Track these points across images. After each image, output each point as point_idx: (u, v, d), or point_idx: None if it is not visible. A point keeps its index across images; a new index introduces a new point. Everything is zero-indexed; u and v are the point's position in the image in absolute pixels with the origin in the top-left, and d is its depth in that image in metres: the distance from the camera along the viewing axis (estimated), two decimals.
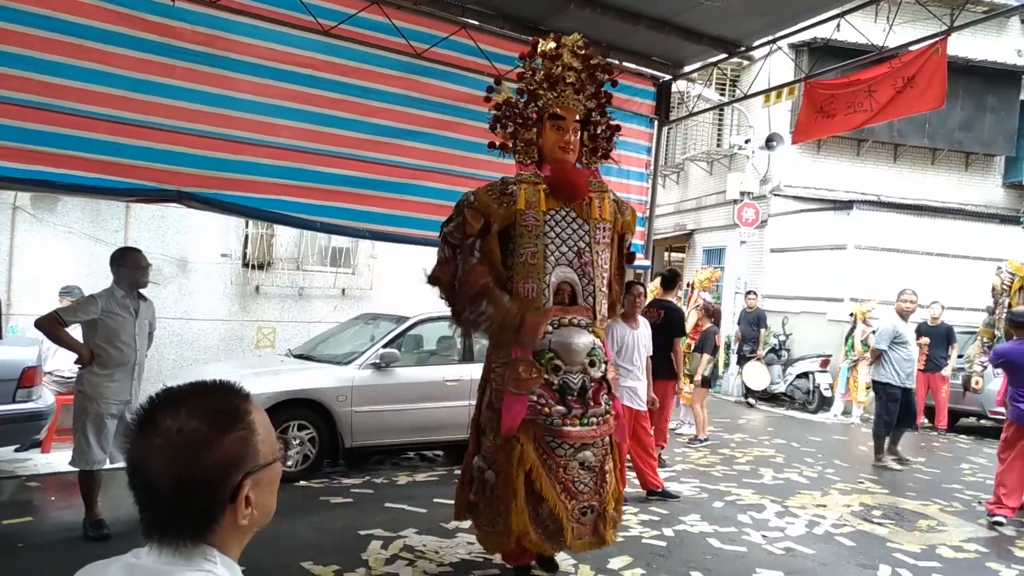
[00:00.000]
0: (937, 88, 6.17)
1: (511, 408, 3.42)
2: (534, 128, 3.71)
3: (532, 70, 3.74)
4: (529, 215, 3.55)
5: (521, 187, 3.60)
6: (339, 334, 8.11)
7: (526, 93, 3.75)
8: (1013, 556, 5.47)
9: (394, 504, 5.98)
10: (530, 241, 3.54)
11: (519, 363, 3.44)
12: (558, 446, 3.44)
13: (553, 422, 3.42)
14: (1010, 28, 16.70)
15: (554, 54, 3.67)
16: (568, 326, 3.54)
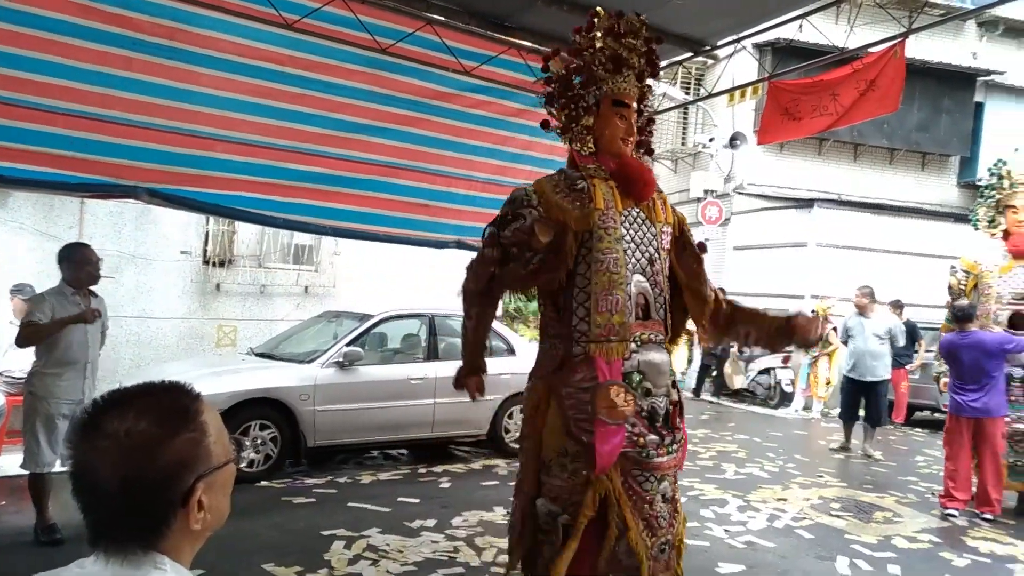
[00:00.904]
0: (895, 91, 6.29)
1: (608, 441, 2.86)
2: (592, 114, 3.14)
3: (592, 46, 3.13)
4: (608, 216, 2.99)
5: (594, 183, 3.03)
6: (301, 332, 8.02)
7: (584, 72, 3.15)
8: (965, 545, 5.61)
9: (357, 503, 5.93)
10: (611, 246, 2.97)
11: (610, 387, 2.88)
12: (646, 479, 2.97)
13: (648, 453, 2.94)
14: (966, 31, 17.07)
15: (621, 31, 3.13)
16: (649, 343, 3.05)
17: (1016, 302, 6.61)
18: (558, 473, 2.97)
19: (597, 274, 2.96)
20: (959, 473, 6.45)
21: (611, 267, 2.96)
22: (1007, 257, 6.74)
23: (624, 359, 2.95)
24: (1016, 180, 6.76)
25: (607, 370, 2.91)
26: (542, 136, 7.43)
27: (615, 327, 2.94)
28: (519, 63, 7.03)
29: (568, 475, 2.94)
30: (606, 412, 2.86)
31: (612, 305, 2.95)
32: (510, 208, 3.05)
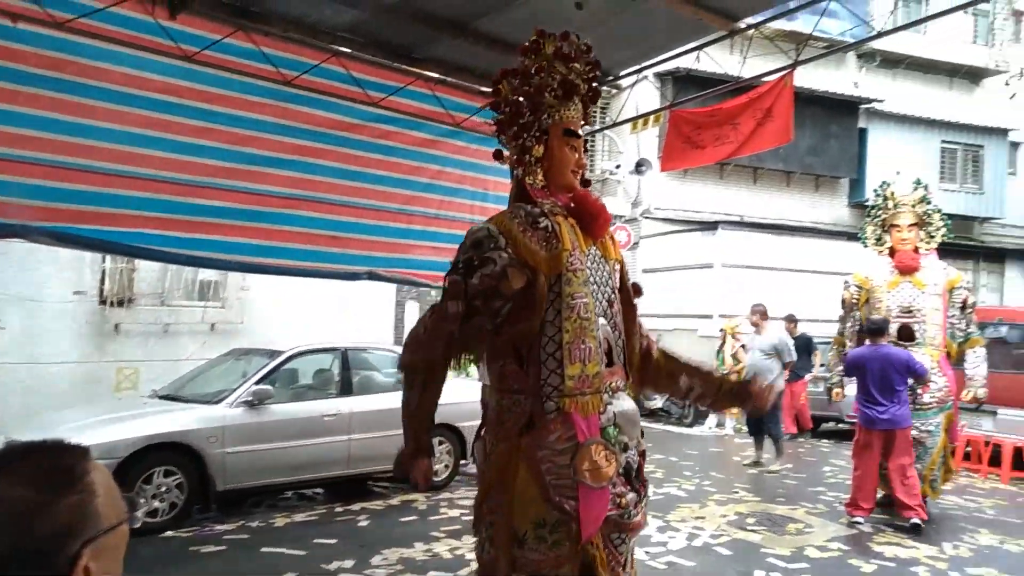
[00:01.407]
0: (788, 121, 6.64)
1: (592, 507, 2.58)
2: (542, 144, 2.87)
3: (543, 70, 2.86)
4: (575, 257, 2.71)
5: (557, 220, 2.75)
6: (208, 372, 7.72)
7: (529, 100, 2.87)
8: (872, 551, 5.84)
9: (271, 548, 5.71)
10: (581, 289, 2.69)
11: (592, 447, 2.60)
12: (622, 542, 2.72)
13: (629, 514, 2.69)
14: (847, 63, 18.17)
15: (570, 55, 2.88)
16: (617, 391, 2.80)
17: (903, 315, 7.00)
18: (535, 546, 2.64)
19: (568, 321, 2.65)
20: (866, 483, 6.62)
21: (581, 313, 2.67)
22: (894, 273, 7.13)
23: (600, 413, 2.67)
24: (899, 201, 7.18)
25: (585, 427, 2.62)
26: (452, 166, 7.56)
27: (589, 378, 2.66)
28: (427, 94, 7.05)
29: (548, 547, 2.63)
30: (589, 475, 2.57)
31: (585, 354, 2.66)
32: (475, 252, 2.65)
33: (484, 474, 2.85)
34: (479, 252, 2.64)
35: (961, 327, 6.92)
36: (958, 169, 19.00)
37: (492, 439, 2.80)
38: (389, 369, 8.09)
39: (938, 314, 6.89)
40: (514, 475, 2.67)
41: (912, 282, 7.02)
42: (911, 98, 18.65)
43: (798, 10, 7.66)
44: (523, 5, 5.85)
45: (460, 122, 7.28)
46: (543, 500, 2.60)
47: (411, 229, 7.11)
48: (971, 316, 7.00)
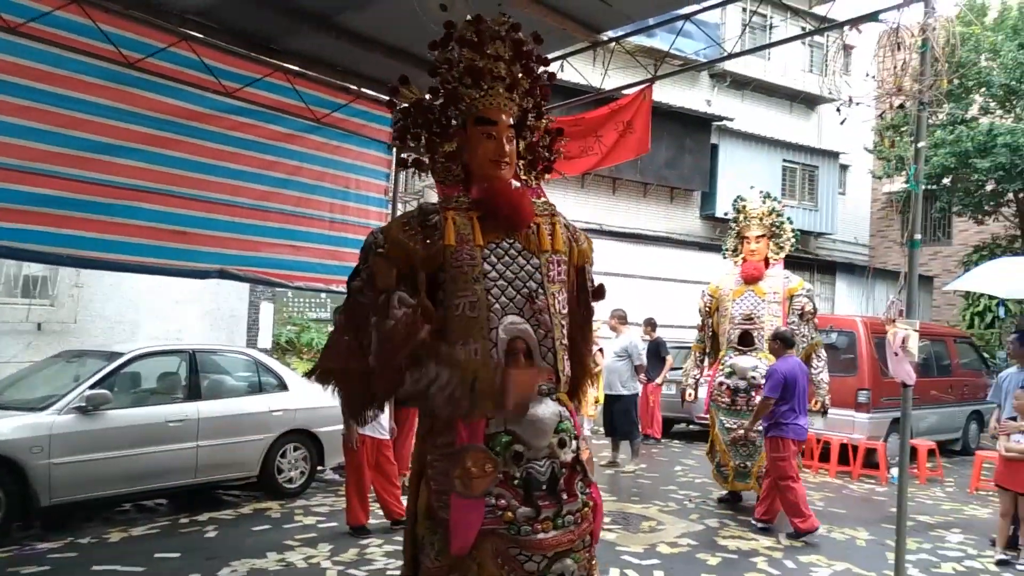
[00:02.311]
0: (646, 133, 6.92)
1: (463, 518, 2.46)
2: (455, 138, 2.76)
3: (448, 62, 2.75)
4: (463, 252, 2.59)
5: (448, 215, 2.64)
6: (33, 375, 7.08)
7: (442, 92, 2.76)
8: (717, 545, 6.16)
9: (104, 566, 5.28)
10: (466, 287, 2.56)
11: (468, 454, 2.47)
12: (528, 559, 2.52)
13: (520, 530, 2.51)
14: (701, 81, 19.18)
15: (477, 40, 2.72)
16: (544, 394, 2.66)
17: (744, 323, 7.44)
18: (428, 553, 2.57)
19: (451, 321, 2.55)
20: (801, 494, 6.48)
21: (467, 311, 2.55)
22: (739, 282, 7.56)
23: (488, 419, 2.53)
24: (750, 214, 7.63)
25: (466, 433, 2.50)
26: (311, 162, 7.33)
27: None
28: (286, 87, 6.80)
29: (435, 555, 2.55)
30: (461, 484, 2.46)
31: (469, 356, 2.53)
32: (361, 256, 2.64)
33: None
34: (362, 257, 2.65)
35: (802, 332, 7.40)
36: (797, 186, 20.44)
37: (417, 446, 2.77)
38: (241, 372, 7.72)
39: (776, 320, 7.35)
40: (418, 480, 2.65)
41: (754, 291, 7.47)
42: (757, 118, 19.92)
43: (656, 27, 8.00)
44: (387, 3, 5.75)
45: (321, 117, 7.07)
46: (427, 508, 2.57)
47: (266, 226, 6.82)
48: (812, 322, 7.50)
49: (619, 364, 9.50)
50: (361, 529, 6.15)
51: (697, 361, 8.00)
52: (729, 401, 7.30)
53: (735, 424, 7.21)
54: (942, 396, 10.92)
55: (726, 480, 7.45)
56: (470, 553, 2.49)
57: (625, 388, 9.46)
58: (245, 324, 11.96)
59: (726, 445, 7.30)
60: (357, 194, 7.58)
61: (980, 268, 11.56)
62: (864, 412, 9.64)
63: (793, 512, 6.41)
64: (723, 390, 7.37)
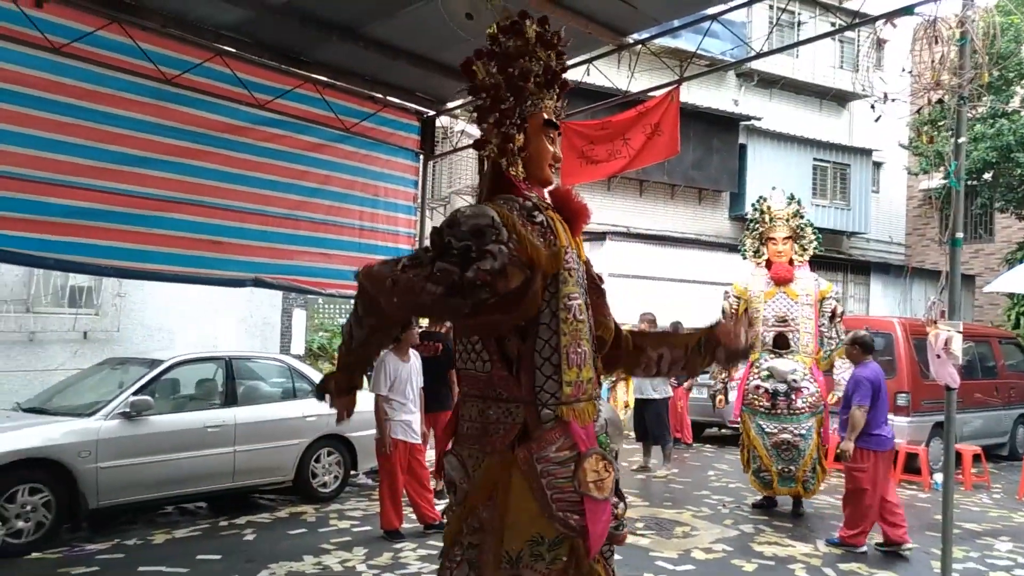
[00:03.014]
0: (675, 135, 6.90)
1: (599, 519, 2.43)
2: (522, 134, 2.67)
3: (527, 54, 2.65)
4: (571, 255, 2.56)
5: (550, 215, 2.59)
6: (80, 382, 7.28)
7: (510, 85, 2.64)
8: (753, 551, 6.10)
9: (150, 567, 5.42)
10: (575, 290, 2.53)
11: (593, 457, 2.45)
12: (611, 554, 2.61)
13: (621, 525, 2.59)
14: (728, 81, 19.08)
15: (552, 41, 2.69)
16: (599, 399, 2.67)
17: (778, 324, 7.39)
18: (531, 564, 2.46)
19: (565, 323, 2.48)
20: (894, 503, 6.16)
21: (577, 315, 2.52)
22: (770, 284, 7.52)
23: (594, 420, 2.54)
24: (774, 215, 7.59)
25: (585, 436, 2.47)
26: (341, 171, 7.46)
27: (584, 384, 2.51)
28: (315, 97, 6.94)
29: (546, 565, 2.46)
30: (594, 487, 2.43)
31: (581, 359, 2.51)
32: (475, 241, 2.33)
33: (466, 493, 2.55)
34: (479, 242, 2.34)
35: (831, 335, 7.35)
36: (828, 186, 20.22)
37: (476, 453, 2.55)
38: (276, 378, 7.87)
39: (810, 323, 7.30)
40: (506, 491, 2.47)
41: (786, 293, 7.41)
42: (786, 117, 19.76)
43: (682, 28, 7.98)
44: (413, 12, 5.84)
45: (350, 127, 7.19)
46: (542, 516, 2.43)
47: (298, 235, 6.95)
48: (839, 325, 7.43)
49: None
50: (395, 533, 6.23)
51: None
52: (769, 405, 7.20)
53: (776, 428, 7.13)
54: (987, 399, 10.68)
55: (768, 486, 7.28)
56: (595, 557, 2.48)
57: (656, 392, 9.43)
58: (278, 331, 12.15)
59: (767, 449, 7.20)
60: (386, 202, 7.69)
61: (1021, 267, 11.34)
62: (904, 416, 9.45)
63: (850, 522, 6.16)
64: (760, 394, 7.26)
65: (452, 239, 2.33)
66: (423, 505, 6.37)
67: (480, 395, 2.55)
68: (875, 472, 6.07)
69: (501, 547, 2.47)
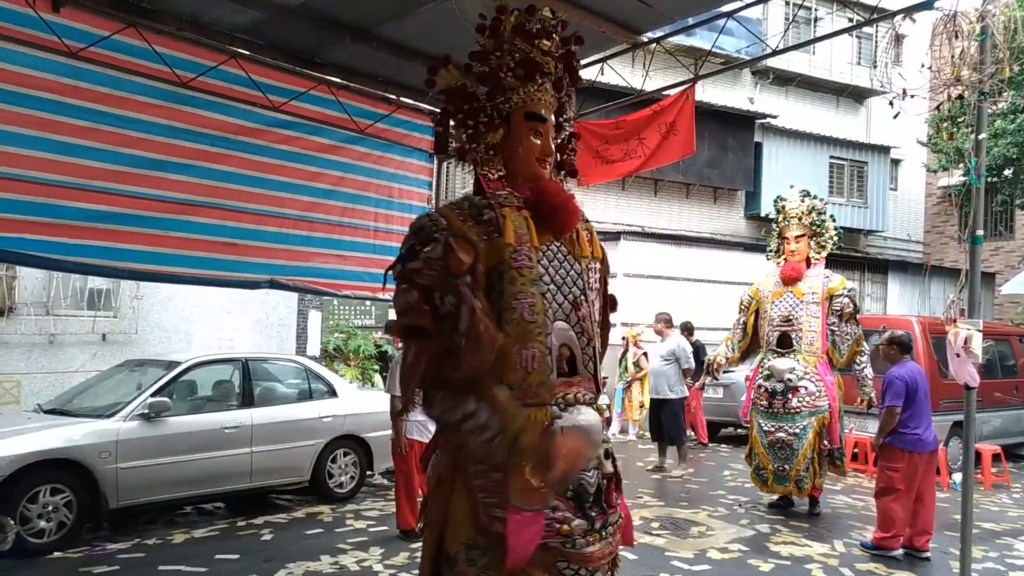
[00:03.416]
0: (690, 134, 6.87)
1: (521, 531, 2.31)
2: (500, 129, 2.60)
3: (499, 49, 2.59)
4: (522, 253, 2.47)
5: (503, 212, 2.50)
6: (100, 384, 7.37)
7: (489, 81, 2.59)
8: (769, 551, 6.08)
9: (169, 566, 5.48)
10: (524, 289, 2.44)
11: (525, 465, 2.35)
12: (574, 573, 2.44)
13: (575, 542, 2.41)
14: (743, 79, 18.97)
15: (533, 32, 2.59)
16: (575, 404, 2.50)
17: (783, 325, 7.34)
18: (466, 570, 2.40)
19: (508, 324, 2.40)
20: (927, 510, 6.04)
21: (525, 315, 2.42)
22: (778, 284, 7.47)
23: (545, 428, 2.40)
24: (789, 214, 7.53)
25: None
26: (355, 172, 7.47)
27: (531, 389, 2.40)
28: (329, 99, 6.96)
29: (478, 571, 2.39)
30: (519, 495, 2.32)
31: (527, 361, 2.40)
32: (416, 239, 2.42)
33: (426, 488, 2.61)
34: (420, 237, 2.42)
35: (841, 332, 7.27)
36: (845, 183, 20.07)
37: (436, 450, 2.58)
38: (292, 380, 7.92)
39: (815, 321, 7.22)
40: (450, 490, 2.47)
41: (793, 292, 7.37)
42: (802, 115, 19.63)
43: (697, 26, 7.96)
44: (426, 13, 5.85)
45: (364, 128, 7.21)
46: (473, 521, 2.39)
47: (313, 236, 6.97)
48: (851, 323, 7.30)
49: (667, 368, 9.45)
50: (411, 533, 6.24)
51: (729, 347, 7.93)
52: (767, 404, 7.20)
53: (773, 427, 7.12)
54: (1007, 398, 10.56)
55: (765, 484, 7.32)
56: (524, 570, 2.36)
57: (673, 392, 9.41)
58: (294, 332, 12.21)
59: (764, 448, 7.21)
60: (400, 203, 7.70)
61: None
62: None
63: (882, 523, 6.02)
64: (761, 393, 7.28)
65: (401, 248, 2.45)
66: None
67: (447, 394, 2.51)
68: (910, 473, 5.93)
69: (435, 544, 2.47)
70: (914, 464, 5.94)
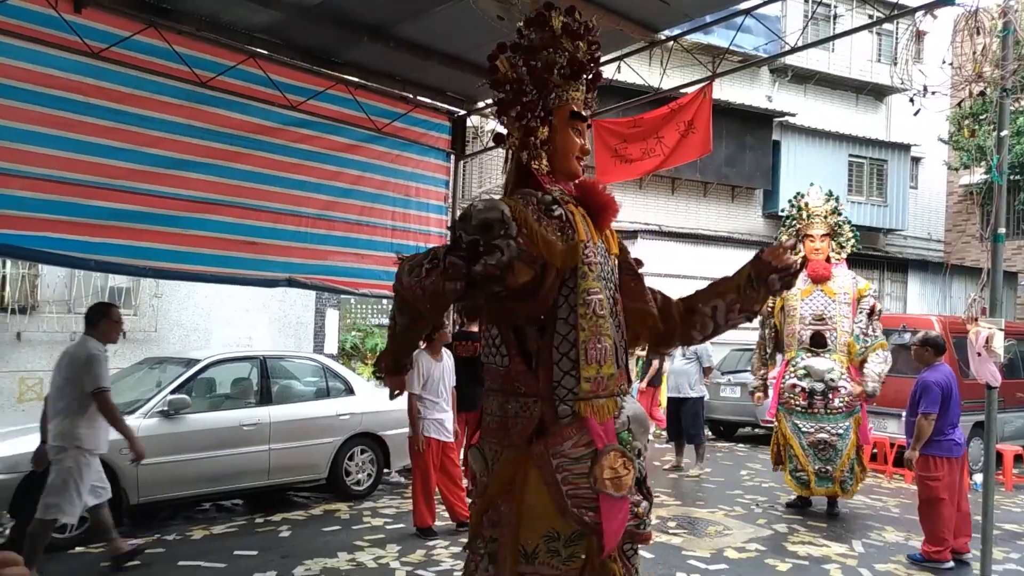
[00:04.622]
0: (707, 133, 6.83)
1: (614, 517, 2.40)
2: (546, 126, 2.63)
3: (552, 46, 2.60)
4: (591, 250, 2.53)
5: (571, 209, 2.56)
6: (120, 381, 7.39)
7: (534, 78, 2.61)
8: (787, 551, 6.04)
9: (189, 562, 5.53)
10: (596, 284, 2.50)
11: (612, 454, 2.43)
12: (634, 553, 2.59)
13: (644, 524, 2.56)
14: (761, 77, 18.85)
15: (578, 32, 2.63)
16: (625, 395, 2.64)
17: (816, 323, 7.27)
18: (548, 560, 2.45)
19: (584, 319, 2.46)
20: (963, 512, 5.89)
21: (597, 309, 2.49)
22: (807, 282, 7.40)
23: (615, 417, 2.53)
24: (812, 211, 7.47)
25: (603, 433, 2.46)
26: (373, 171, 7.50)
27: (604, 380, 2.49)
28: (347, 98, 6.98)
29: (562, 561, 2.45)
30: (611, 484, 2.41)
31: (601, 355, 2.48)
32: (482, 236, 2.36)
33: (485, 486, 2.59)
34: (487, 237, 2.36)
35: (867, 333, 7.23)
36: (864, 182, 19.89)
37: (495, 447, 2.57)
38: (309, 378, 7.95)
39: (848, 321, 7.19)
40: (523, 485, 2.48)
41: (824, 291, 7.29)
42: (821, 113, 19.48)
43: (715, 24, 7.90)
44: (443, 11, 5.85)
45: (381, 127, 7.24)
46: (557, 512, 2.43)
47: (331, 235, 7.01)
48: (876, 323, 7.31)
49: (688, 366, 9.42)
50: (428, 531, 6.25)
51: (763, 359, 7.83)
52: (805, 404, 7.09)
53: (813, 427, 7.04)
54: None
55: (805, 486, 7.15)
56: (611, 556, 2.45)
57: (693, 390, 9.39)
58: (312, 330, 12.28)
59: (803, 449, 7.10)
60: (418, 202, 7.72)
61: None
62: None
63: (932, 537, 5.75)
64: (797, 392, 7.16)
65: (463, 233, 2.38)
66: (456, 503, 6.39)
67: (500, 389, 2.57)
68: (951, 480, 5.75)
69: (517, 542, 2.47)
70: (953, 470, 5.76)
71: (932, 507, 5.75)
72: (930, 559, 5.75)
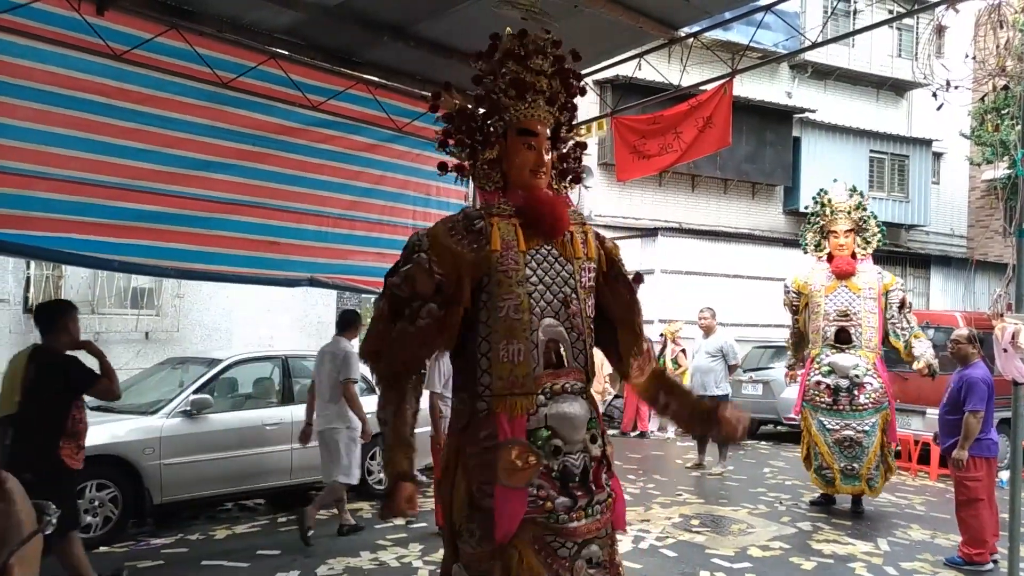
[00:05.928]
0: (726, 128, 6.79)
1: (506, 507, 2.63)
2: (496, 146, 2.88)
3: (493, 73, 2.89)
4: (508, 257, 2.74)
5: (492, 221, 2.78)
6: (143, 381, 7.50)
7: (485, 102, 2.90)
8: (811, 549, 5.99)
9: (212, 561, 5.57)
10: (510, 290, 2.72)
11: (510, 447, 2.64)
12: (561, 546, 2.71)
13: (558, 518, 2.68)
14: (781, 73, 18.70)
15: (523, 53, 2.86)
16: (562, 393, 2.77)
17: (840, 319, 7.20)
18: (467, 540, 2.72)
19: (497, 323, 2.71)
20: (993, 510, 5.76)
21: (511, 313, 2.71)
22: (831, 278, 7.34)
23: (530, 414, 2.69)
24: (836, 207, 7.40)
25: (508, 428, 2.67)
26: (394, 170, 7.50)
27: (518, 379, 2.69)
28: (368, 98, 6.99)
29: (476, 542, 2.69)
30: (505, 475, 2.62)
31: (513, 355, 2.70)
32: (403, 255, 2.78)
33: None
34: (405, 255, 2.78)
35: (902, 326, 7.17)
36: (886, 178, 19.69)
37: (448, 434, 2.95)
38: None
39: (873, 317, 7.12)
40: (454, 471, 2.79)
41: (848, 286, 7.23)
42: (841, 109, 19.30)
43: (735, 21, 7.85)
44: (463, 10, 5.84)
45: (402, 127, 7.24)
46: (468, 498, 2.71)
47: (353, 235, 7.02)
48: (910, 315, 7.27)
49: (713, 364, 9.37)
50: None
51: (796, 348, 7.87)
52: (830, 401, 7.03)
53: (838, 424, 6.97)
54: None
55: (831, 484, 7.11)
56: (511, 540, 2.64)
57: (719, 388, 9.33)
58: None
59: (828, 446, 7.03)
60: (438, 201, 7.71)
61: None
62: None
63: (971, 539, 5.64)
64: (822, 389, 7.10)
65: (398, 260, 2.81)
66: None
67: (453, 387, 2.98)
68: (990, 480, 5.69)
69: (450, 517, 2.80)
70: (992, 470, 5.70)
71: (972, 508, 5.63)
72: (971, 561, 5.62)
